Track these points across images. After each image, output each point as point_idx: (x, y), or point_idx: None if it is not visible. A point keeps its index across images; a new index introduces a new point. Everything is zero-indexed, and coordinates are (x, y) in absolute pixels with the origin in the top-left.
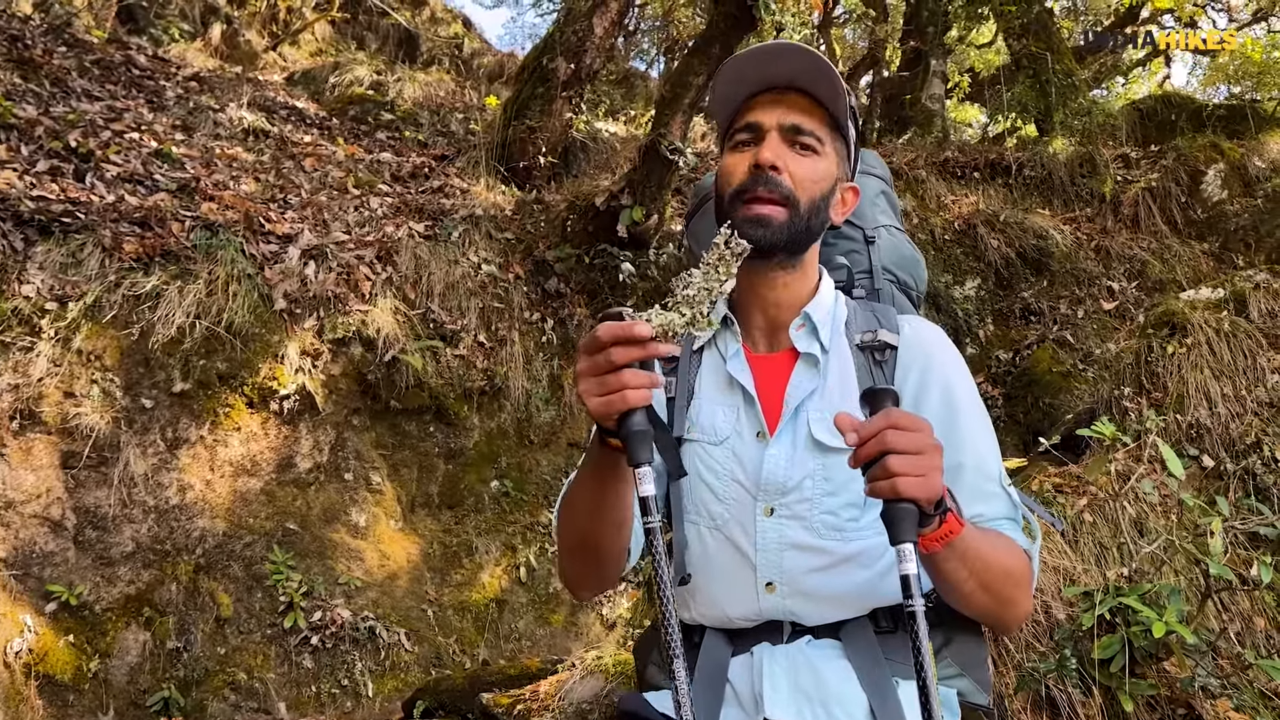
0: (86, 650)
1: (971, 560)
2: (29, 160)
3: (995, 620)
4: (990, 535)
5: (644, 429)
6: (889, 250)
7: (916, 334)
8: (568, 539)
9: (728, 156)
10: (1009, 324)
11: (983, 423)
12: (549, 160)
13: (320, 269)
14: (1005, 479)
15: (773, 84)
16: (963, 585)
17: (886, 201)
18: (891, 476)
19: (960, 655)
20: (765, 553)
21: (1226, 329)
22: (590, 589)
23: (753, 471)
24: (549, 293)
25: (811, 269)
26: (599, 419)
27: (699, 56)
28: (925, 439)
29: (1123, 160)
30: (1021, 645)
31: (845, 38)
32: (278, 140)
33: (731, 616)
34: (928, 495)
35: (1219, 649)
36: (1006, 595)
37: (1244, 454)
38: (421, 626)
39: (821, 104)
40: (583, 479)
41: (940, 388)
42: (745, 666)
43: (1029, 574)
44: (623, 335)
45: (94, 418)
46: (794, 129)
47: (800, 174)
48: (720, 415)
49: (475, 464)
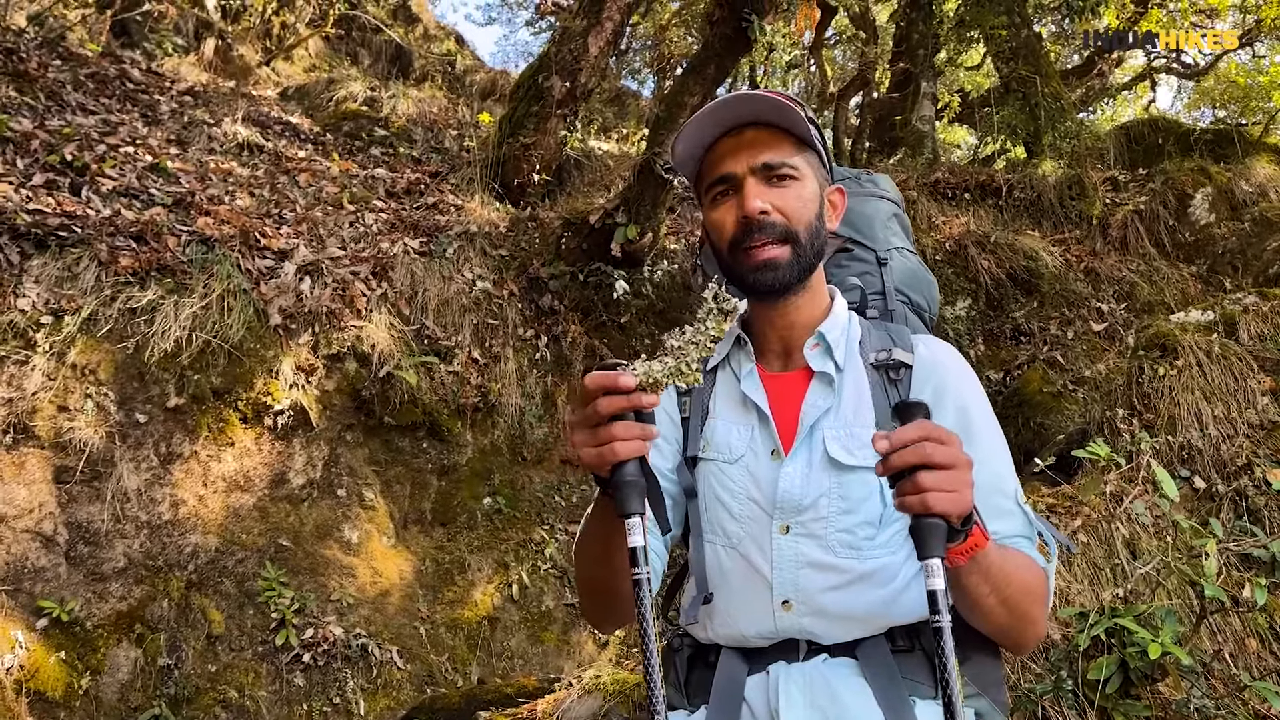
0: (77, 667)
1: (994, 575)
2: (25, 173)
3: (1013, 638)
4: (1010, 551)
5: (634, 480)
6: (901, 272)
7: (931, 353)
8: (583, 581)
9: (711, 211)
10: (999, 344)
11: (998, 440)
12: (543, 178)
13: (315, 284)
14: (1021, 496)
15: (728, 126)
16: (984, 601)
17: (899, 224)
18: (922, 492)
19: (978, 675)
20: (781, 571)
21: (1217, 351)
22: (611, 625)
23: (768, 490)
24: (543, 310)
25: (821, 287)
26: (592, 470)
27: (694, 77)
28: (958, 454)
29: (1111, 183)
30: (1018, 666)
31: (835, 59)
32: (272, 155)
33: (748, 635)
34: (959, 511)
35: (1213, 670)
36: (1024, 611)
37: (1235, 476)
38: (414, 644)
39: (781, 128)
40: (590, 526)
41: (955, 405)
42: (761, 685)
43: (1046, 592)
44: (608, 384)
45: (88, 432)
46: (766, 167)
47: (789, 206)
48: (735, 434)
49: (468, 481)
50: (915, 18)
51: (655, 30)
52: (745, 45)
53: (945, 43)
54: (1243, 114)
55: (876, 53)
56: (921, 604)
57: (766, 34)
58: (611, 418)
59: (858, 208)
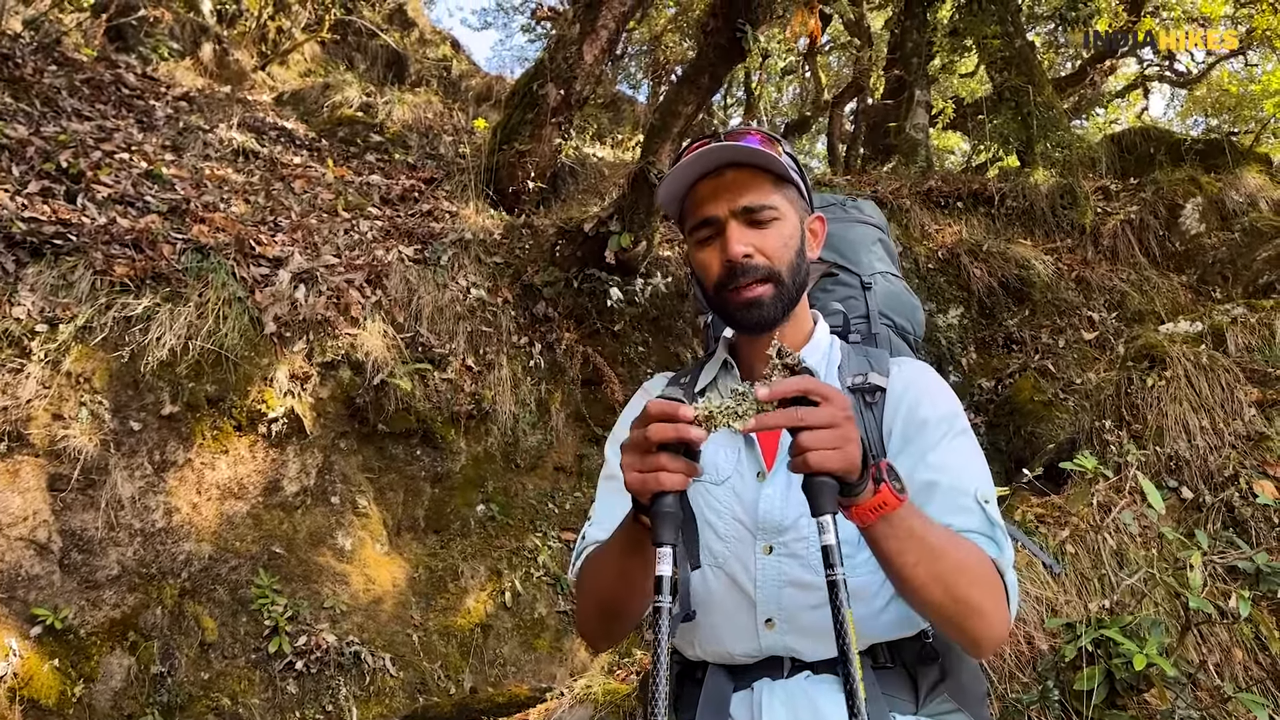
0: (71, 674)
1: (918, 544)
2: (20, 180)
3: (959, 627)
4: (947, 531)
5: (672, 511)
6: (885, 296)
7: (902, 374)
8: (591, 598)
9: (697, 253)
10: (991, 352)
11: (965, 447)
12: (538, 185)
13: (310, 292)
14: (985, 498)
15: (709, 169)
16: (911, 571)
17: (883, 249)
18: (804, 451)
19: (958, 691)
20: (765, 590)
21: (1205, 363)
22: (606, 644)
23: (751, 510)
24: (537, 317)
25: (804, 314)
26: (634, 494)
27: (688, 86)
28: (836, 412)
29: (1102, 192)
30: (1005, 676)
31: (830, 65)
32: (267, 161)
33: (733, 653)
34: (843, 467)
35: (1199, 681)
36: (964, 594)
37: (1222, 486)
38: (406, 651)
39: (760, 168)
40: (614, 547)
41: (918, 418)
42: (746, 701)
43: (995, 581)
44: (667, 414)
45: (82, 440)
46: (746, 210)
47: (771, 247)
48: (723, 456)
49: (461, 488)
50: (909, 25)
51: (650, 36)
52: (739, 54)
53: (939, 50)
54: (1234, 123)
55: (871, 60)
56: (902, 622)
57: (761, 43)
58: (660, 447)
59: (842, 233)
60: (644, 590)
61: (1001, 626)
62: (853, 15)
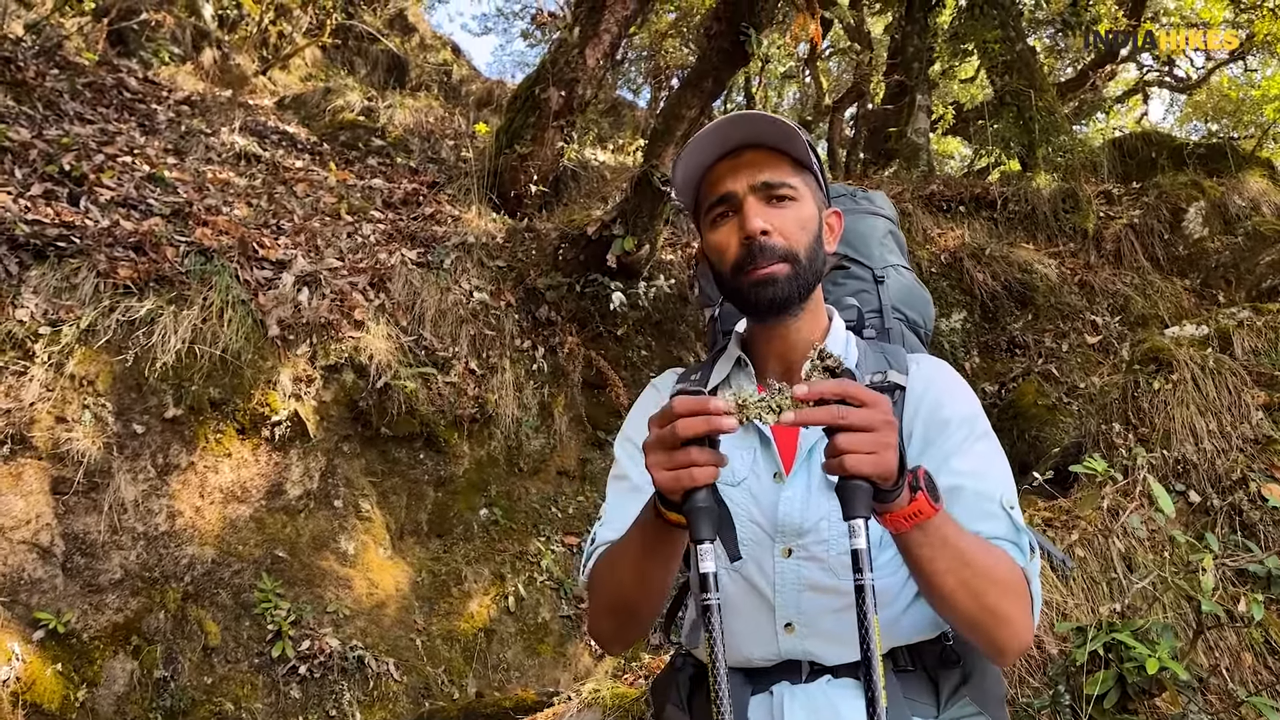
0: (74, 679)
1: (950, 552)
2: (23, 183)
3: (988, 638)
4: (978, 539)
5: (708, 506)
6: (898, 289)
7: (923, 372)
8: (606, 598)
9: (711, 234)
10: (995, 356)
11: (991, 451)
12: (540, 189)
13: (314, 295)
14: (1010, 503)
15: (727, 148)
16: (942, 579)
17: (894, 241)
18: (840, 454)
19: (979, 694)
20: (784, 593)
21: (1211, 366)
22: (620, 646)
23: (769, 512)
24: (540, 321)
25: (819, 308)
26: (665, 492)
27: (691, 90)
28: (875, 415)
29: (1105, 196)
30: (1015, 681)
31: (830, 71)
32: (269, 165)
33: (751, 657)
34: (879, 473)
35: (1210, 685)
36: (993, 604)
37: (1230, 490)
38: (410, 656)
39: (780, 150)
40: (632, 546)
41: (942, 419)
42: (765, 706)
43: (1023, 591)
44: (697, 409)
45: (85, 443)
46: (765, 186)
47: (788, 226)
48: (738, 457)
49: (464, 492)
50: (910, 30)
51: (652, 41)
52: (743, 59)
53: (940, 55)
54: (1235, 128)
55: (871, 64)
56: (923, 625)
57: (763, 47)
58: (687, 442)
59: (853, 225)
60: (661, 590)
61: (1027, 635)
62: (853, 20)
